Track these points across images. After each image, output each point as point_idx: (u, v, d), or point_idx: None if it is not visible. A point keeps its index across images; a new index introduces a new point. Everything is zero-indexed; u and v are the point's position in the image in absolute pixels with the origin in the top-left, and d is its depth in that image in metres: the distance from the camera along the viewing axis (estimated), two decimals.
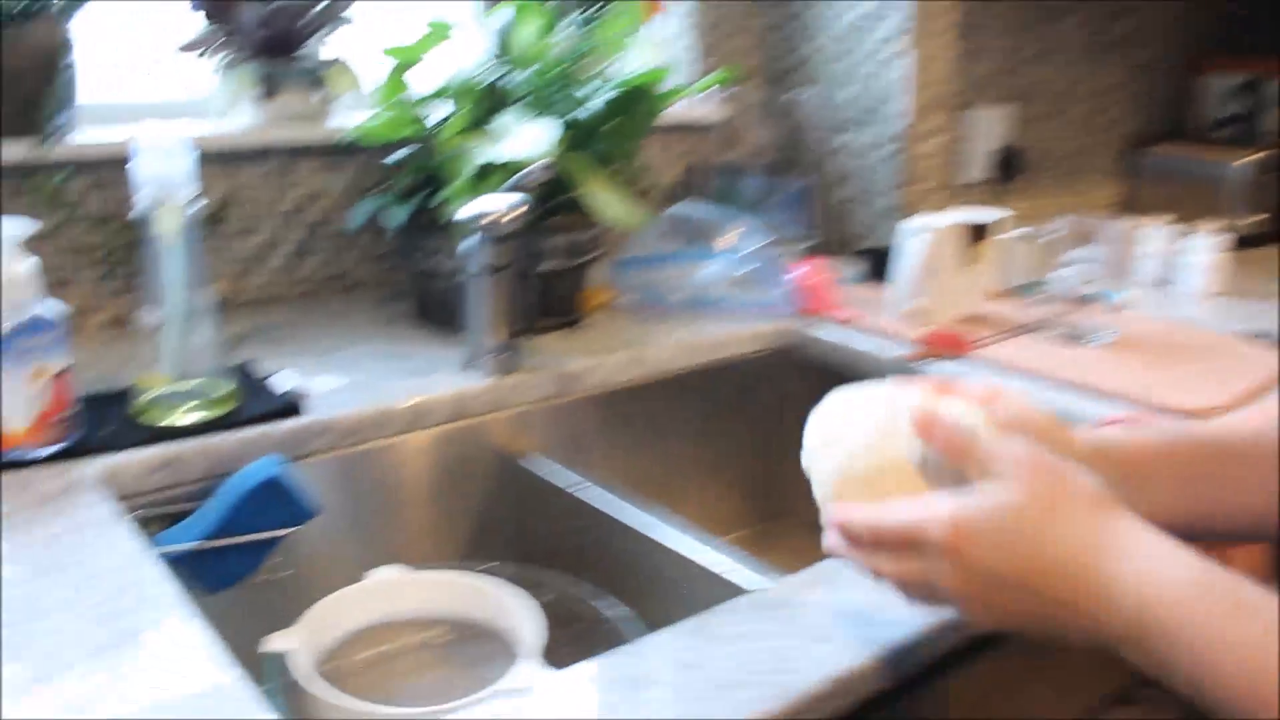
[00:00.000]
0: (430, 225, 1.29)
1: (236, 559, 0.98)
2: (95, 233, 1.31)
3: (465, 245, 1.17)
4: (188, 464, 1.02)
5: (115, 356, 1.22)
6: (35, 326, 0.94)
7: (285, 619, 0.91)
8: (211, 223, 1.37)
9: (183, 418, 1.05)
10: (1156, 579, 0.52)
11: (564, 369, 1.25)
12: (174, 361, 1.04)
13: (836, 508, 0.66)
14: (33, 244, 1.24)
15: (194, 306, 1.04)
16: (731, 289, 1.46)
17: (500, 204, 1.13)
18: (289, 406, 1.10)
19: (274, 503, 0.98)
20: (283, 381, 1.15)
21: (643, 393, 1.33)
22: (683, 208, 1.52)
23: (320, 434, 1.09)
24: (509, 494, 1.22)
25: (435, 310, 1.35)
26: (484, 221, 1.14)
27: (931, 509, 0.59)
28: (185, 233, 1.01)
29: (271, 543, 0.99)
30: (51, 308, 0.96)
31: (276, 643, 0.88)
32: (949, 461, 0.62)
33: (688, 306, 1.45)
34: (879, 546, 0.62)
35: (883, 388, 0.70)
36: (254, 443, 1.05)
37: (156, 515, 1.00)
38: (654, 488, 1.32)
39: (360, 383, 1.18)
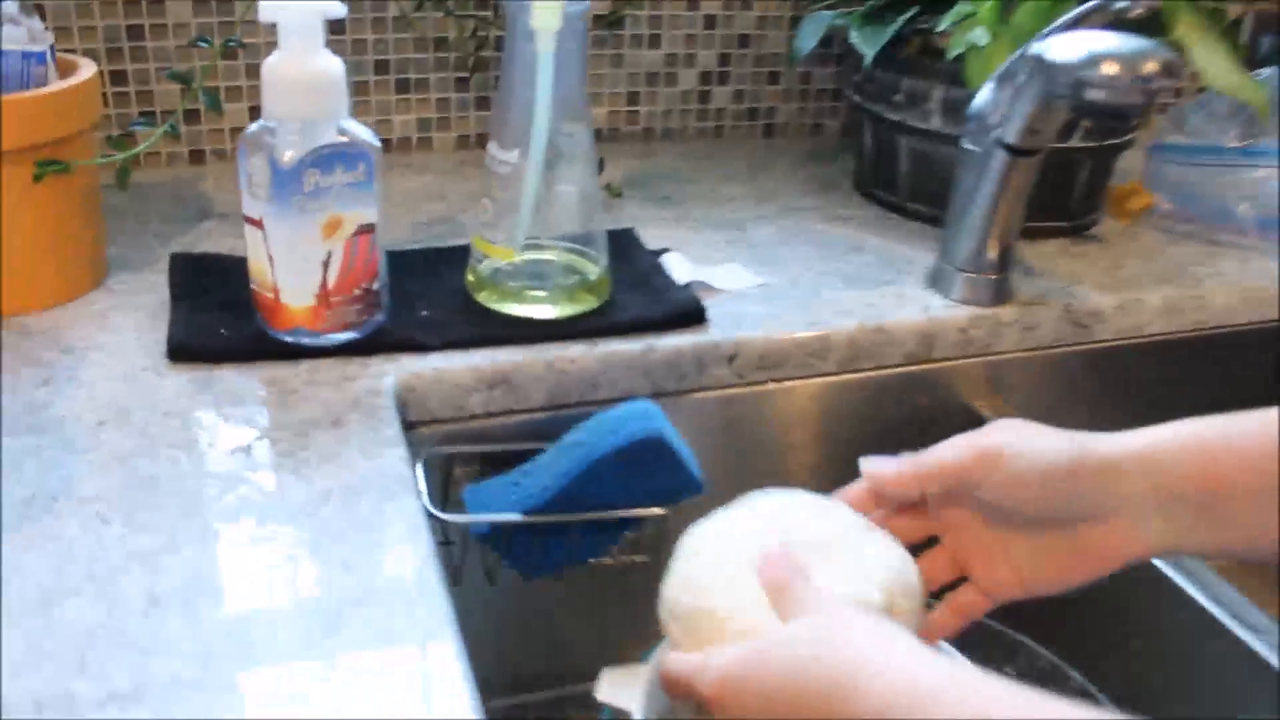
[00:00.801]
0: (915, 61, 0.87)
1: (578, 538, 0.66)
2: (457, 24, 0.99)
3: (985, 102, 0.75)
4: (528, 383, 0.69)
5: (461, 194, 0.91)
6: (335, 158, 0.61)
7: (631, 630, 0.66)
8: (605, 25, 1.02)
9: (529, 308, 0.71)
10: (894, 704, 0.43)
11: (1081, 305, 0.83)
12: (526, 221, 0.70)
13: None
14: (378, 33, 0.93)
15: (566, 142, 0.69)
16: None
17: (1136, 51, 0.65)
18: (690, 311, 0.74)
19: (648, 468, 0.64)
20: (676, 268, 0.79)
21: (1179, 354, 0.88)
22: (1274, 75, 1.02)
23: (725, 360, 0.73)
24: None
25: (895, 183, 0.95)
26: (1098, 75, 0.65)
27: (711, 659, 0.49)
28: (567, 35, 0.66)
29: (630, 522, 0.66)
30: (362, 133, 0.63)
31: (610, 691, 0.61)
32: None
33: (1258, 229, 0.97)
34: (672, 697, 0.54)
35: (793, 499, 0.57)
36: (628, 362, 0.71)
37: (469, 456, 0.69)
38: None
39: (783, 286, 0.81)
